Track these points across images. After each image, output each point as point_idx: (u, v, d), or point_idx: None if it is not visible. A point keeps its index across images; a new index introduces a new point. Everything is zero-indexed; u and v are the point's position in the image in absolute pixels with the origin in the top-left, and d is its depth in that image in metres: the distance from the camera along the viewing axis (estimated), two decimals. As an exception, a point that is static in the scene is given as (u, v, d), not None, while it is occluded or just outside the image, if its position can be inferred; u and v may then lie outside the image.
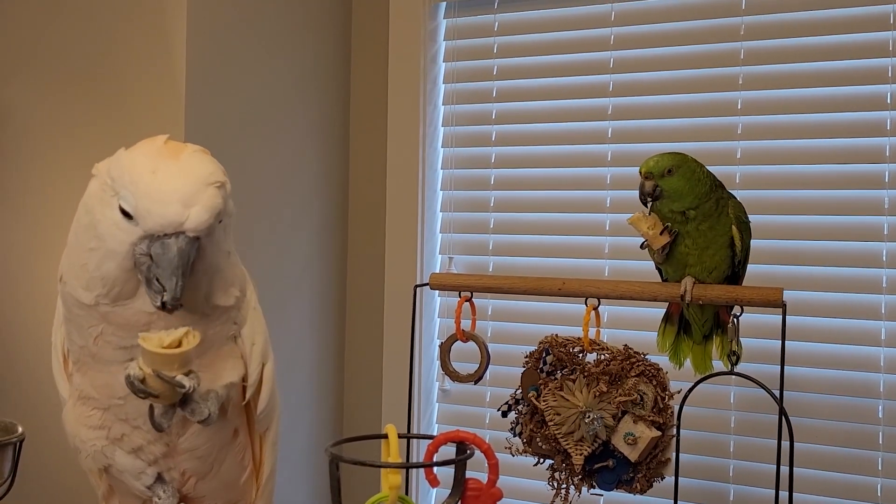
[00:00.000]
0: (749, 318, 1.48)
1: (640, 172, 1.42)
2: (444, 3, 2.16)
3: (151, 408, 1.13)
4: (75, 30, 1.84)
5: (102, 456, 1.23)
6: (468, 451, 1.12)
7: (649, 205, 1.45)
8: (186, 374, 1.09)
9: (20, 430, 1.51)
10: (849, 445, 1.76)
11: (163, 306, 1.07)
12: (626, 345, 1.48)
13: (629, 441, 1.43)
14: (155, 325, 1.11)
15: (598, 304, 1.50)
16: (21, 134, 1.91)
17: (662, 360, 1.51)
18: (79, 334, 1.17)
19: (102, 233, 1.09)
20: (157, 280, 1.07)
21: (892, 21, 1.74)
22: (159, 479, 1.24)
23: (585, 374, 1.47)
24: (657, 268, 1.53)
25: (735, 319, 1.42)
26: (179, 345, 1.08)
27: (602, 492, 1.48)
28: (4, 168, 1.92)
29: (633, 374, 1.45)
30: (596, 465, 1.46)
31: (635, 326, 1.88)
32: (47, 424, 1.72)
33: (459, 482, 1.12)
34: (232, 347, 1.23)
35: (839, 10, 1.78)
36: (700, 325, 1.51)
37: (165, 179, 1.06)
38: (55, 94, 1.87)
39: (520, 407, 1.53)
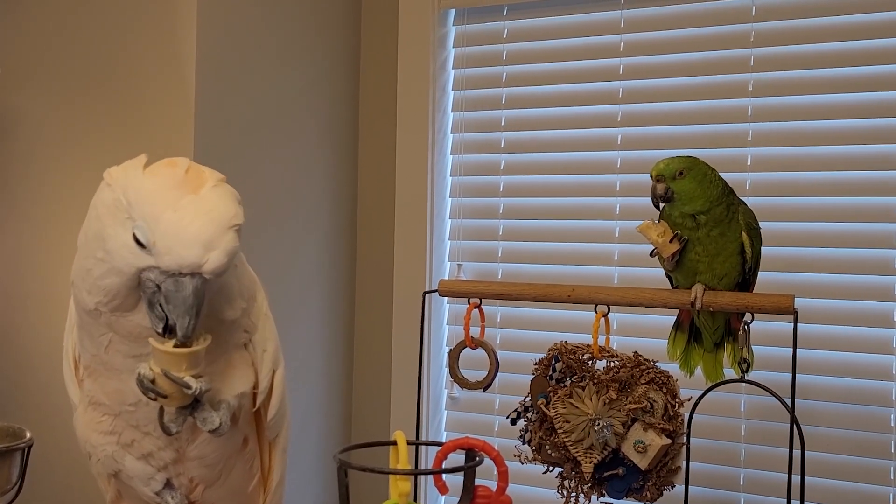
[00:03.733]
0: (759, 326, 1.47)
1: (652, 176, 1.42)
2: (454, 10, 2.16)
3: (161, 410, 1.13)
4: (85, 36, 1.85)
5: (113, 461, 1.23)
6: (477, 459, 1.11)
7: (661, 208, 1.44)
8: (196, 378, 1.09)
9: (28, 435, 1.51)
10: (860, 454, 1.75)
11: (163, 332, 1.07)
12: (636, 352, 1.47)
13: (639, 449, 1.42)
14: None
15: (608, 311, 1.49)
16: (31, 140, 1.92)
17: (672, 368, 1.50)
18: (91, 342, 1.17)
19: (111, 250, 1.07)
20: (161, 307, 1.06)
21: (903, 27, 1.74)
22: (168, 485, 1.24)
23: (595, 381, 1.46)
24: (667, 275, 1.53)
25: (746, 327, 1.41)
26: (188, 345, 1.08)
27: (612, 500, 1.47)
28: (15, 174, 1.93)
29: (643, 381, 1.44)
30: (606, 473, 1.45)
31: (645, 334, 1.87)
32: (55, 430, 1.72)
33: (469, 489, 1.12)
34: (243, 355, 1.23)
35: (850, 17, 1.78)
36: (711, 333, 1.51)
37: (187, 220, 1.04)
38: (66, 100, 1.87)
39: (529, 414, 1.53)
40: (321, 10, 2.12)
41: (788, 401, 1.34)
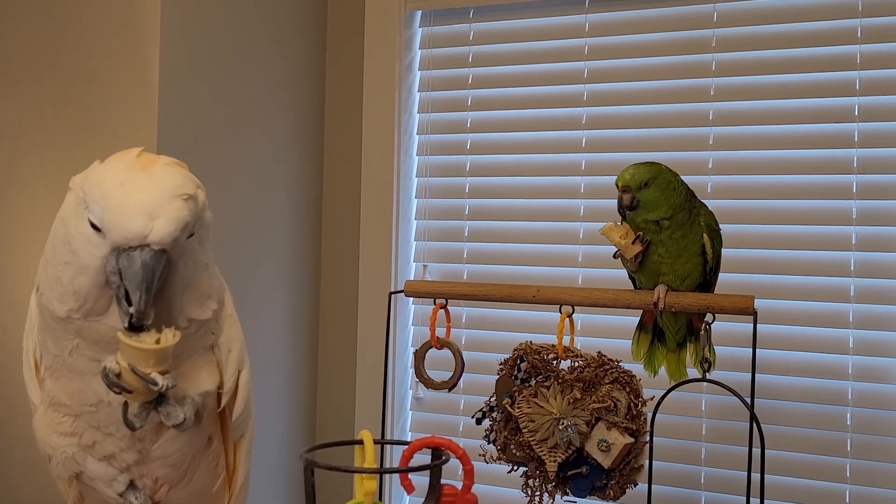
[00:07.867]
0: (721, 326, 1.49)
1: (617, 185, 1.43)
2: (420, 12, 2.16)
3: (126, 405, 1.11)
4: (47, 34, 1.82)
5: (74, 463, 1.21)
6: (444, 457, 1.12)
7: (625, 215, 1.45)
8: (163, 374, 1.08)
9: (-13, 437, 1.49)
10: (818, 452, 1.78)
11: (130, 325, 1.06)
12: (599, 352, 1.49)
13: (603, 448, 1.43)
14: None
15: (573, 312, 1.51)
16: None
17: (635, 368, 1.52)
18: (54, 344, 1.15)
19: (76, 248, 1.08)
20: (126, 298, 1.05)
21: (859, 35, 1.77)
22: (131, 486, 1.23)
23: (560, 381, 1.47)
24: (630, 276, 1.54)
25: (707, 327, 1.43)
26: (158, 342, 1.08)
27: (576, 499, 1.49)
28: (-27, 172, 1.90)
29: (606, 380, 1.46)
30: (570, 472, 1.47)
31: (609, 334, 1.89)
32: (14, 432, 1.69)
33: (434, 488, 1.12)
34: (209, 356, 1.22)
35: (809, 24, 1.81)
36: (674, 333, 1.53)
37: (132, 191, 1.05)
38: (26, 101, 1.84)
39: (494, 414, 1.53)
40: (287, 11, 2.11)
41: (749, 400, 1.36)
